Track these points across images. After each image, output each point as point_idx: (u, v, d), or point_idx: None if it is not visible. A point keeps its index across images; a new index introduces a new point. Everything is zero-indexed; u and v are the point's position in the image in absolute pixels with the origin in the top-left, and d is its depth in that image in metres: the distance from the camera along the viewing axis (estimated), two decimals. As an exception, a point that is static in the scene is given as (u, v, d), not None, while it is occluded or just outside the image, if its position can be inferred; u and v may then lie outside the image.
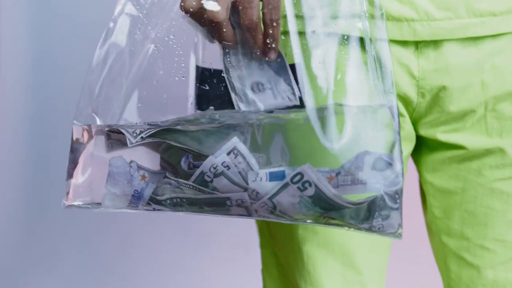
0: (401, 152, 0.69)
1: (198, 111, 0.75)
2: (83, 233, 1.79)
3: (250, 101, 0.71)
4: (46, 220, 1.79)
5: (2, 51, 1.73)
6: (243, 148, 0.67)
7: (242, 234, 1.68)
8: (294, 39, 0.70)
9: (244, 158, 0.67)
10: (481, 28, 0.77)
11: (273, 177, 0.69)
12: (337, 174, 0.67)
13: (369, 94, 0.69)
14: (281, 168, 0.68)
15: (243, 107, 0.71)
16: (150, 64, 0.75)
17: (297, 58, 0.69)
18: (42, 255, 1.78)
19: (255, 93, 0.71)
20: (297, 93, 0.70)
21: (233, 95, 0.71)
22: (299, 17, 0.70)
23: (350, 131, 0.67)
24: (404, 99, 0.80)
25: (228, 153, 0.67)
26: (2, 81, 1.75)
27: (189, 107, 0.76)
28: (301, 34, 0.70)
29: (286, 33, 0.70)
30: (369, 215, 0.68)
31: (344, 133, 0.68)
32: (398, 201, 0.68)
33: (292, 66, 0.71)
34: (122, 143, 0.71)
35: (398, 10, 0.77)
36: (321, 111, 0.68)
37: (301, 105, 0.70)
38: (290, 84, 0.71)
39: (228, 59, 0.71)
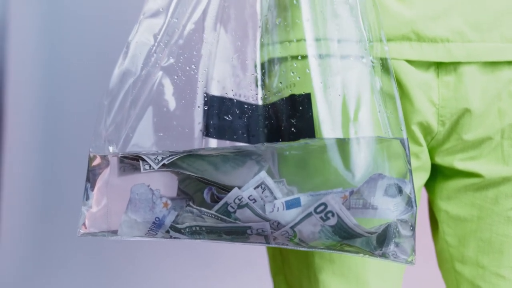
0: (412, 181, 0.72)
1: (209, 140, 0.76)
2: (92, 242, 1.76)
3: None
4: (56, 224, 1.74)
5: (13, 52, 1.68)
6: (270, 183, 0.69)
7: (248, 249, 1.69)
8: (313, 63, 0.71)
9: (271, 192, 0.69)
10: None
11: (289, 205, 0.71)
12: (351, 193, 0.69)
13: (383, 126, 0.72)
14: (296, 196, 0.71)
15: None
16: (161, 90, 0.75)
17: (316, 84, 0.71)
18: (51, 258, 1.75)
19: None
20: None
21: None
22: (318, 40, 0.71)
23: (367, 161, 0.70)
24: (425, 128, 0.81)
25: (256, 187, 0.68)
26: (13, 83, 1.70)
27: (198, 135, 0.77)
28: (320, 58, 0.71)
29: (304, 57, 0.72)
30: (383, 241, 0.70)
31: (361, 164, 0.70)
32: (411, 228, 0.71)
33: (308, 96, 0.73)
34: (135, 168, 0.72)
35: (433, 30, 0.77)
36: (339, 141, 0.70)
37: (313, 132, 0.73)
38: None
39: None
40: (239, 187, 0.68)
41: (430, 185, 0.88)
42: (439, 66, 0.79)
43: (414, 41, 0.78)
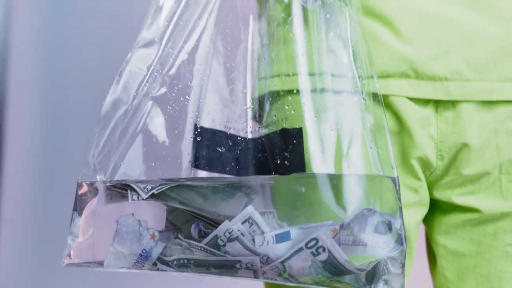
0: (402, 218, 0.72)
1: (198, 171, 0.76)
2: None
3: None
4: (57, 224, 1.71)
5: (14, 53, 1.66)
6: (258, 217, 0.68)
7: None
8: (307, 97, 0.71)
9: (259, 227, 0.68)
10: (511, 93, 0.80)
11: (279, 239, 0.70)
12: (341, 226, 0.69)
13: (374, 163, 0.72)
14: (286, 229, 0.70)
15: None
16: (151, 120, 0.75)
17: (310, 119, 0.71)
18: (52, 258, 1.71)
19: None
20: None
21: None
22: (313, 75, 0.71)
23: (358, 198, 0.70)
24: (424, 162, 0.81)
25: (243, 222, 0.68)
26: (15, 84, 1.68)
27: (186, 166, 0.77)
28: (315, 93, 0.71)
29: (298, 91, 0.71)
30: (372, 279, 0.70)
31: (353, 200, 0.70)
32: (401, 266, 0.70)
33: (300, 130, 0.73)
34: (123, 196, 0.71)
35: (432, 69, 0.78)
36: (331, 177, 0.70)
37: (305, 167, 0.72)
38: None
39: None
40: (229, 220, 0.68)
41: (428, 219, 0.88)
42: (437, 102, 0.80)
43: (412, 79, 0.79)
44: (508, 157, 0.82)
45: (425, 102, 0.80)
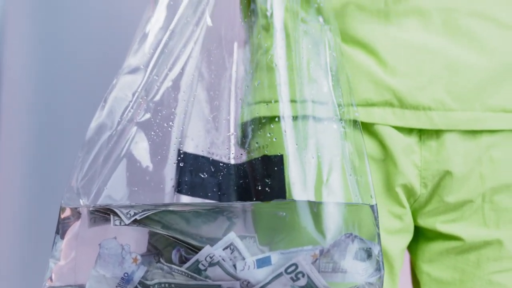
0: (380, 244, 0.73)
1: (181, 196, 0.77)
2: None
3: None
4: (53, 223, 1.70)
5: (8, 52, 1.66)
6: (239, 244, 0.69)
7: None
8: (288, 125, 0.72)
9: (240, 253, 0.69)
10: (495, 122, 0.81)
11: (260, 264, 0.71)
12: (321, 251, 0.69)
13: (353, 190, 0.73)
14: (267, 254, 0.71)
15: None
16: (135, 145, 0.76)
17: (291, 146, 0.72)
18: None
19: None
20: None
21: None
22: (295, 102, 0.73)
23: (337, 225, 0.71)
24: (408, 190, 0.82)
25: (225, 248, 0.69)
26: (9, 82, 1.67)
27: (169, 191, 0.77)
28: (296, 120, 0.72)
29: (280, 118, 0.72)
30: (351, 304, 0.71)
31: (332, 226, 0.71)
32: (378, 291, 0.72)
33: (281, 157, 0.74)
34: (106, 219, 0.71)
35: (416, 98, 0.80)
36: (311, 204, 0.71)
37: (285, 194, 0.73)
38: None
39: None
40: (211, 245, 0.69)
41: (412, 247, 0.89)
42: (421, 130, 0.81)
43: (397, 108, 0.80)
44: (491, 186, 0.83)
45: (409, 130, 0.81)
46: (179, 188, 0.76)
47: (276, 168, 0.74)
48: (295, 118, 0.73)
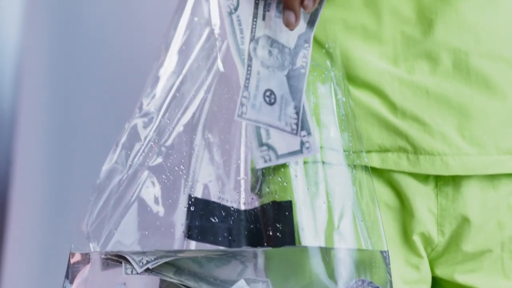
0: None
1: (191, 242, 0.76)
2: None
3: (257, 107, 0.72)
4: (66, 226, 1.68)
5: (27, 58, 1.67)
6: None
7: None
8: (299, 169, 0.72)
9: None
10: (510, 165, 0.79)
11: None
12: None
13: (363, 237, 0.72)
14: None
15: (250, 110, 0.72)
16: (147, 189, 0.76)
17: (301, 191, 0.72)
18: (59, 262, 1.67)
19: (266, 102, 0.71)
20: (299, 130, 0.71)
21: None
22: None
23: (349, 271, 0.70)
24: (426, 238, 0.80)
25: None
26: (28, 89, 1.67)
27: (179, 236, 0.77)
28: (307, 165, 0.72)
29: (289, 163, 0.72)
30: None
31: (344, 273, 0.70)
32: None
33: (289, 205, 0.74)
34: (118, 262, 0.71)
35: (430, 144, 0.78)
36: (322, 250, 0.71)
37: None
38: (297, 113, 0.71)
39: (258, 47, 0.71)
40: None
41: None
42: (437, 176, 0.80)
43: (410, 153, 0.79)
44: (510, 234, 0.81)
45: (425, 176, 0.80)
46: (189, 233, 0.76)
47: (286, 213, 0.74)
48: (305, 162, 0.73)
